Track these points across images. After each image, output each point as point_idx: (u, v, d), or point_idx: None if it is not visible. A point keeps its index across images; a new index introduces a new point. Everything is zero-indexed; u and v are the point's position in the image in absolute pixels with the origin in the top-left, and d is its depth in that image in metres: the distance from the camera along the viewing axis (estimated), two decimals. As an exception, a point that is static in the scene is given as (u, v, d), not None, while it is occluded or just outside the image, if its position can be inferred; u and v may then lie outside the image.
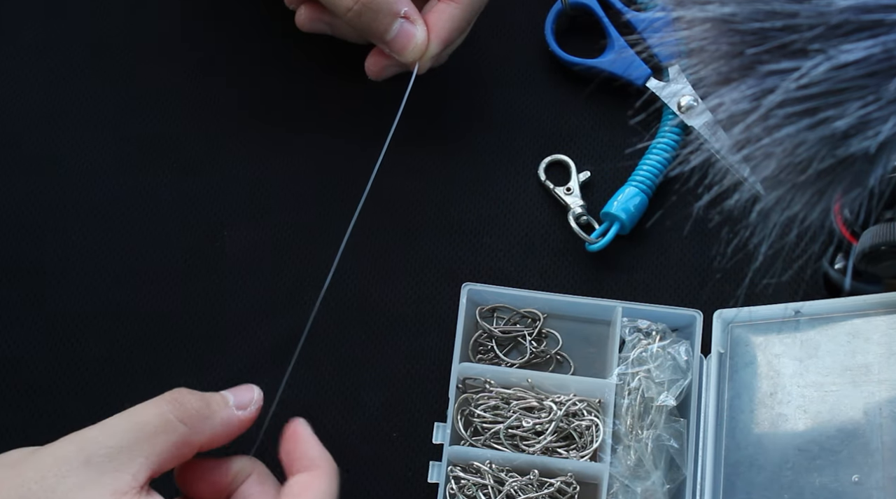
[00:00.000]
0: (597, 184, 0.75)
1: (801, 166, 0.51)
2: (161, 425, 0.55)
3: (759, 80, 0.49)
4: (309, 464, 0.58)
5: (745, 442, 0.66)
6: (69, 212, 0.74)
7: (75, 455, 0.53)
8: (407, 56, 0.69)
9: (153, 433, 0.55)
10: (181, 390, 0.57)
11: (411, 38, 0.68)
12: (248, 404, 0.59)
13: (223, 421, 0.58)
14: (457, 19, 0.69)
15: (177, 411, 0.56)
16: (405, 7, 0.68)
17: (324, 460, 0.59)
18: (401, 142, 0.75)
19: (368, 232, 0.74)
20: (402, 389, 0.71)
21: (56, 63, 0.77)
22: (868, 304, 0.66)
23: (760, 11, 0.49)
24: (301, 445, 0.59)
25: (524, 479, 0.67)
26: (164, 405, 0.56)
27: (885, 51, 0.47)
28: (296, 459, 0.59)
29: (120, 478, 0.53)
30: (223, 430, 0.58)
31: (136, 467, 0.54)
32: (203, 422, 0.57)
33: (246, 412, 0.59)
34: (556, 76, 0.77)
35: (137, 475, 0.54)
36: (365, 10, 0.67)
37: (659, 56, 0.74)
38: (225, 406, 0.58)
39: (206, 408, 0.57)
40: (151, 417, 0.55)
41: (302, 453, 0.59)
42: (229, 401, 0.59)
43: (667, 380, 0.68)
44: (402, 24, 0.68)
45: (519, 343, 0.72)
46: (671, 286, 0.73)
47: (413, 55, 0.69)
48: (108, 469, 0.53)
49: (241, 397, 0.59)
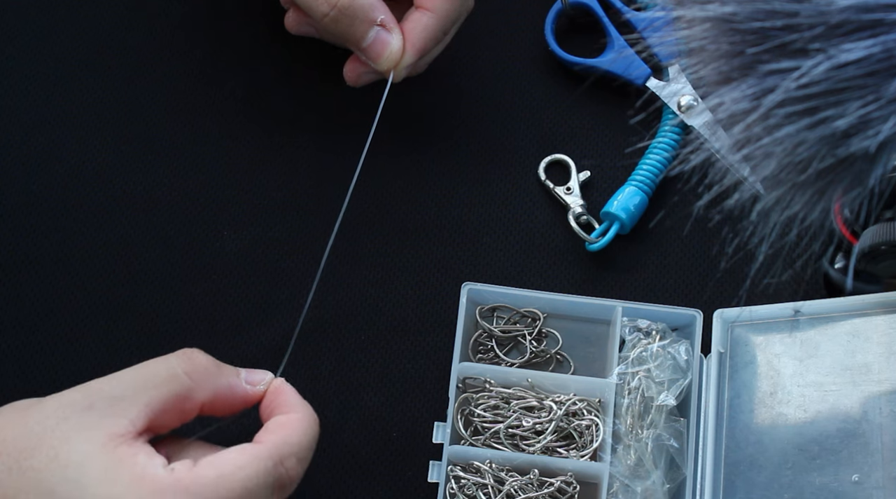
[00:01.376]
0: (597, 183, 0.75)
1: (801, 166, 0.51)
2: (166, 376, 0.57)
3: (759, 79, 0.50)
4: (287, 409, 0.59)
5: (745, 442, 0.66)
6: (69, 212, 0.74)
7: (80, 401, 0.55)
8: (382, 64, 0.69)
9: (157, 383, 0.57)
10: (194, 350, 0.59)
11: (386, 46, 0.68)
12: (257, 383, 0.60)
13: (230, 385, 0.59)
14: (432, 29, 0.69)
15: (184, 364, 0.57)
16: (381, 15, 0.68)
17: (303, 406, 0.60)
18: (401, 142, 0.75)
19: (368, 232, 0.74)
20: (402, 388, 0.71)
21: (56, 63, 0.77)
22: (868, 303, 0.66)
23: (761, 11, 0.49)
24: (281, 395, 0.60)
25: (524, 478, 0.67)
26: (172, 359, 0.58)
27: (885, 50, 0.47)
28: (275, 406, 0.60)
29: (117, 422, 0.55)
30: (228, 394, 0.59)
31: (134, 412, 0.55)
32: (209, 379, 0.58)
33: (254, 389, 0.60)
34: (556, 76, 0.77)
35: (135, 421, 0.55)
36: (341, 17, 0.67)
37: (659, 55, 0.74)
38: (235, 375, 0.60)
39: (214, 367, 0.59)
40: (158, 368, 0.57)
41: (281, 402, 0.60)
42: (240, 374, 0.60)
43: (667, 379, 0.68)
44: (378, 31, 0.68)
45: (519, 343, 0.72)
46: (671, 286, 0.73)
47: (388, 63, 0.68)
48: (107, 414, 0.55)
49: (252, 376, 0.60)
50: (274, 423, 0.59)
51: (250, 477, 0.55)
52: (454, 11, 0.70)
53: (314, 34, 0.73)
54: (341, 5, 0.67)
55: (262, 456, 0.56)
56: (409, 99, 0.76)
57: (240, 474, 0.55)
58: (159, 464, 0.55)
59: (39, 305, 0.72)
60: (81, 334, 0.71)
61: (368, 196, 0.74)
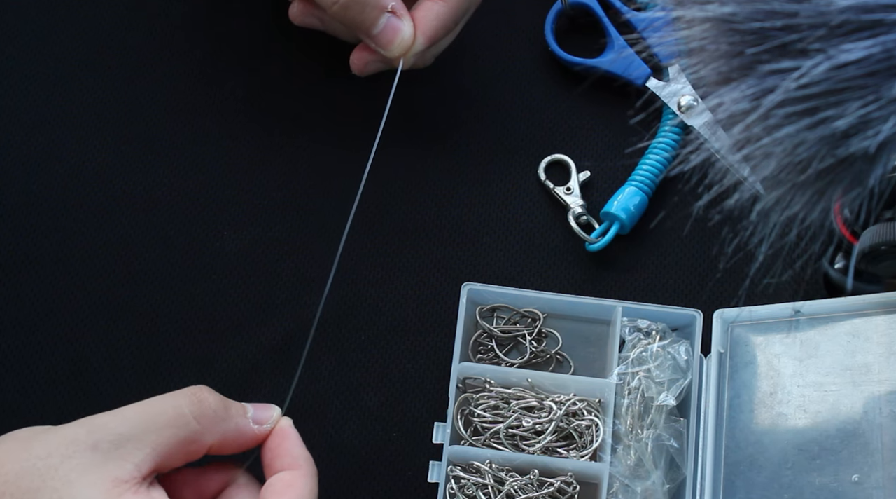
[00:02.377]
0: (597, 183, 0.75)
1: (801, 166, 0.51)
2: (173, 419, 0.55)
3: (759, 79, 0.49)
4: (292, 463, 0.59)
5: (745, 442, 0.66)
6: (69, 212, 0.74)
7: (84, 438, 0.54)
8: (392, 50, 0.68)
9: (164, 425, 0.55)
10: (203, 388, 0.57)
11: (398, 32, 0.67)
12: (265, 421, 0.59)
13: (238, 428, 0.58)
14: (443, 17, 0.69)
15: (192, 406, 0.56)
16: (392, 1, 0.67)
17: (306, 461, 0.59)
18: (401, 142, 0.75)
19: (369, 232, 0.74)
20: (402, 389, 0.71)
21: (56, 63, 0.77)
22: (868, 303, 0.66)
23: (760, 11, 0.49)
24: (286, 442, 0.59)
25: (524, 478, 0.67)
26: (180, 399, 0.56)
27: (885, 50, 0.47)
28: (278, 456, 0.59)
29: (122, 466, 0.54)
30: (235, 437, 0.58)
31: (140, 456, 0.54)
32: (217, 423, 0.57)
33: (261, 428, 0.59)
34: (556, 76, 0.77)
35: (141, 466, 0.54)
36: (352, 4, 0.67)
37: (659, 56, 0.74)
38: (243, 415, 0.58)
39: (223, 410, 0.57)
40: (166, 408, 0.56)
41: (286, 451, 0.59)
42: (248, 412, 0.59)
43: (667, 380, 0.68)
44: (389, 18, 0.67)
45: (519, 343, 0.72)
46: (671, 286, 0.73)
47: (398, 50, 0.68)
48: (112, 456, 0.54)
49: (260, 413, 0.59)
50: (281, 483, 0.58)
51: None
52: (465, 0, 0.69)
53: (318, 26, 0.72)
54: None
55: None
56: (409, 99, 0.76)
57: None
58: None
59: (39, 305, 0.72)
60: (81, 334, 0.71)
61: (368, 196, 0.74)
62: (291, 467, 0.59)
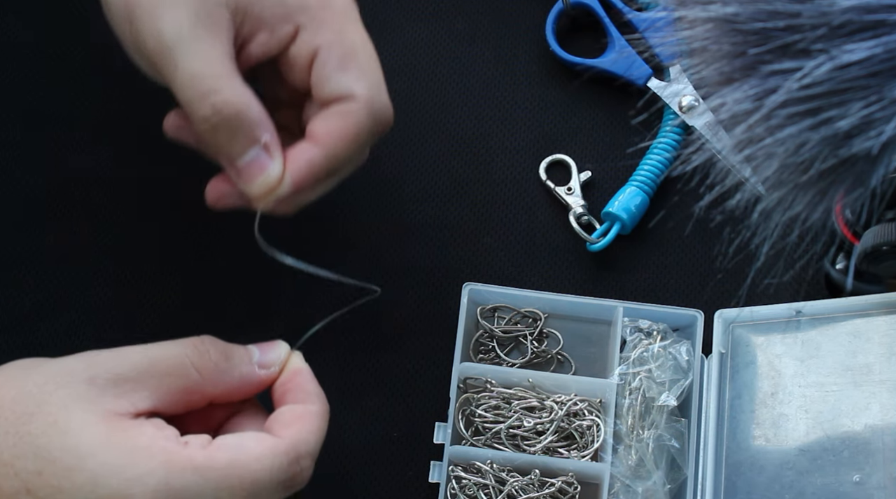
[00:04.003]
0: (598, 184, 0.75)
1: (803, 166, 0.51)
2: (174, 367, 0.55)
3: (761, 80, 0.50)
4: (304, 397, 0.58)
5: (746, 442, 0.66)
6: (69, 212, 0.74)
7: (81, 371, 0.54)
8: (253, 189, 0.59)
9: (164, 373, 0.55)
10: (206, 339, 0.57)
11: (263, 170, 0.59)
12: (271, 364, 0.58)
13: (241, 377, 0.57)
14: (317, 166, 0.60)
15: (195, 357, 0.55)
16: (266, 135, 0.59)
17: (319, 398, 0.58)
18: (401, 142, 0.75)
19: (369, 232, 0.74)
20: (403, 389, 0.71)
21: (56, 63, 0.77)
22: (869, 304, 0.66)
23: (763, 11, 0.49)
24: (297, 378, 0.58)
25: (525, 479, 0.67)
26: (183, 349, 0.56)
27: (887, 51, 0.47)
28: (289, 390, 0.58)
29: (117, 402, 0.54)
30: (240, 386, 0.57)
31: (136, 398, 0.54)
32: (219, 376, 0.56)
33: (267, 372, 0.58)
34: (557, 76, 0.77)
35: (137, 404, 0.54)
36: (222, 126, 0.58)
37: (660, 56, 0.74)
38: (247, 362, 0.57)
39: (225, 362, 0.56)
40: (167, 356, 0.55)
41: (297, 386, 0.58)
42: (253, 357, 0.58)
43: (668, 380, 0.68)
44: (259, 152, 0.59)
45: (520, 343, 0.72)
46: (672, 286, 0.73)
47: (260, 189, 0.59)
48: (108, 392, 0.54)
49: (266, 356, 0.58)
50: (291, 414, 0.57)
51: (264, 470, 0.54)
52: (346, 154, 0.61)
53: (192, 144, 0.62)
54: (226, 113, 0.57)
55: (279, 451, 0.55)
56: (409, 99, 0.76)
57: (254, 465, 0.54)
58: (170, 435, 0.53)
59: (39, 305, 0.72)
60: (81, 334, 0.71)
61: (369, 196, 0.74)
62: (303, 401, 0.58)
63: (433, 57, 0.77)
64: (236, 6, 0.59)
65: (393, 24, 0.78)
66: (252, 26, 0.60)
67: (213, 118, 0.57)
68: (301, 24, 0.60)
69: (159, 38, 0.57)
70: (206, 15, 0.57)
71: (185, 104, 0.58)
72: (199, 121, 0.58)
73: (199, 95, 0.57)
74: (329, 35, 0.60)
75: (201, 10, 0.57)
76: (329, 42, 0.60)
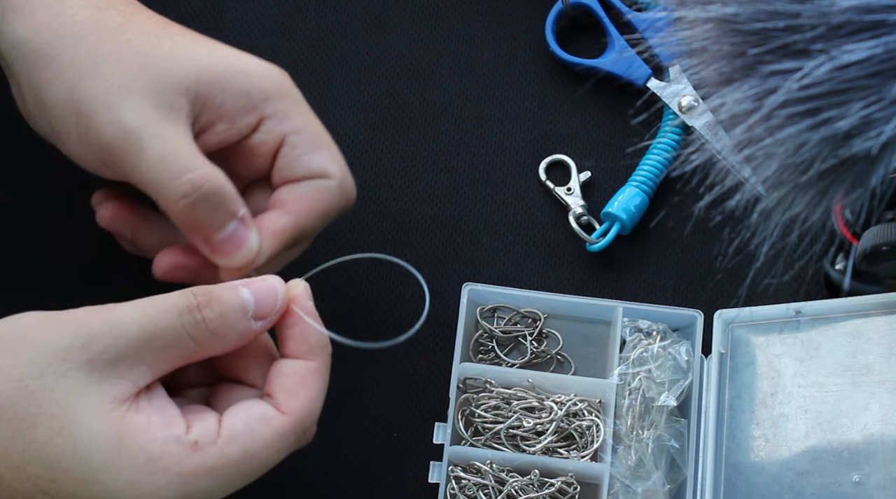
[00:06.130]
0: (597, 184, 0.75)
1: (802, 167, 0.51)
2: (171, 340, 0.55)
3: (761, 80, 0.50)
4: (307, 351, 0.58)
5: (746, 442, 0.66)
6: (69, 212, 0.74)
7: (78, 353, 0.53)
8: (233, 262, 0.60)
9: (161, 346, 0.54)
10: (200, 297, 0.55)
11: (243, 243, 0.60)
12: (267, 314, 0.57)
13: (238, 335, 0.57)
14: (287, 233, 0.61)
15: (190, 327, 0.55)
16: (242, 209, 0.60)
17: (322, 350, 0.58)
18: (401, 142, 0.75)
19: (369, 231, 0.74)
20: (402, 389, 0.71)
21: (56, 63, 0.77)
22: (869, 304, 0.66)
23: (763, 11, 0.49)
24: (301, 323, 0.58)
25: (525, 479, 0.67)
26: (178, 318, 0.55)
27: (887, 51, 0.47)
28: (292, 337, 0.58)
29: (120, 384, 0.53)
30: (237, 343, 0.57)
31: (137, 374, 0.54)
32: (216, 341, 0.56)
33: (265, 322, 0.57)
34: (556, 76, 0.77)
35: (138, 381, 0.54)
36: (201, 201, 0.58)
37: (660, 56, 0.74)
38: (243, 318, 0.56)
39: (221, 326, 0.56)
40: (164, 329, 0.54)
41: (301, 335, 0.58)
42: (248, 310, 0.57)
43: (667, 380, 0.68)
44: (237, 226, 0.60)
45: (519, 343, 0.72)
46: (672, 286, 0.73)
47: (240, 262, 0.60)
48: (109, 374, 0.53)
49: (261, 305, 0.57)
50: (295, 377, 0.57)
51: (274, 453, 0.55)
52: (314, 226, 0.63)
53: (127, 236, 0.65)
54: (206, 189, 0.58)
55: (287, 431, 0.55)
56: (409, 99, 0.76)
57: (265, 451, 0.55)
58: (180, 435, 0.53)
59: (40, 305, 0.72)
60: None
61: (369, 195, 0.74)
62: (306, 355, 0.58)
63: (433, 57, 0.77)
64: (196, 96, 0.60)
65: (393, 24, 0.78)
66: (211, 116, 0.61)
67: (193, 195, 0.58)
68: (266, 114, 0.62)
69: (120, 125, 0.58)
70: (167, 103, 0.59)
71: (155, 185, 0.58)
72: (176, 199, 0.58)
73: (174, 175, 0.58)
74: (296, 122, 0.62)
75: (162, 99, 0.59)
76: (297, 128, 0.62)
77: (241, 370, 0.59)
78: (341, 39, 0.77)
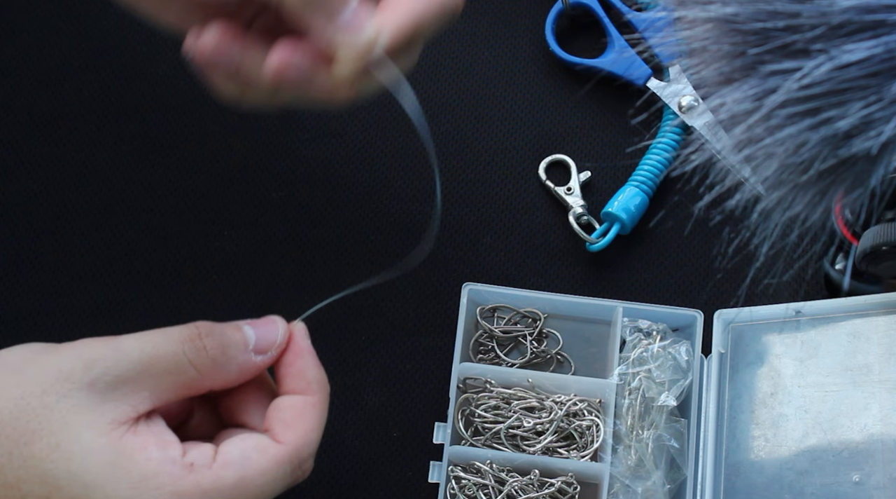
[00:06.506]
0: (597, 184, 0.75)
1: (802, 167, 0.51)
2: (172, 366, 0.55)
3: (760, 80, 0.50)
4: (305, 387, 0.58)
5: (746, 442, 0.66)
6: (69, 212, 0.74)
7: (80, 375, 0.53)
8: (353, 45, 0.56)
9: (161, 372, 0.54)
10: (203, 328, 0.56)
11: (362, 26, 0.56)
12: (268, 348, 0.58)
13: (239, 367, 0.57)
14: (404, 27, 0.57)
15: (191, 354, 0.55)
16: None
17: (320, 387, 0.58)
18: (400, 141, 0.75)
19: (368, 231, 0.74)
20: (403, 389, 0.71)
21: (56, 63, 0.77)
22: (869, 304, 0.66)
23: (762, 11, 0.49)
24: (300, 360, 0.58)
25: (525, 479, 0.67)
26: (180, 345, 0.55)
27: (887, 51, 0.47)
28: (291, 374, 0.58)
29: (119, 407, 0.53)
30: (238, 376, 0.57)
31: (137, 399, 0.54)
32: (216, 370, 0.56)
33: (265, 357, 0.58)
34: (556, 76, 0.77)
35: (138, 407, 0.54)
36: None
37: (660, 56, 0.74)
38: (243, 351, 0.57)
39: (222, 355, 0.56)
40: (165, 354, 0.55)
41: (299, 372, 0.58)
42: (249, 344, 0.57)
43: (667, 380, 0.68)
44: (357, 8, 0.56)
45: (519, 343, 0.72)
46: (672, 286, 0.73)
47: (359, 46, 0.56)
48: (109, 397, 0.53)
49: (262, 339, 0.58)
50: (292, 410, 0.57)
51: (268, 483, 0.55)
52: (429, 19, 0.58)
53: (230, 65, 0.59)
54: None
55: (283, 460, 0.55)
56: (409, 99, 0.76)
57: (260, 479, 0.54)
58: (175, 457, 0.53)
59: (39, 305, 0.72)
60: (81, 335, 0.71)
61: (369, 196, 0.74)
62: (304, 391, 0.58)
63: (433, 57, 0.77)
64: None
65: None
66: None
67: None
68: None
69: None
70: None
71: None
72: None
73: None
74: None
75: None
76: None
77: (245, 414, 0.59)
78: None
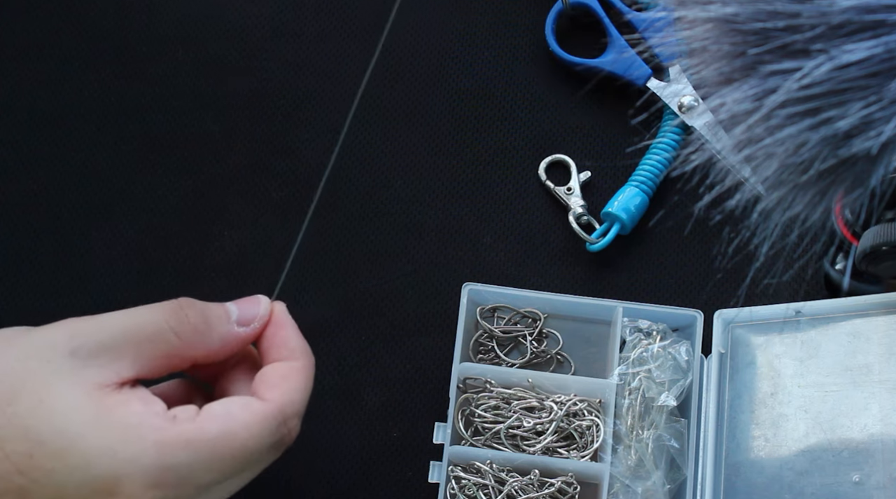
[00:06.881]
0: (597, 184, 0.75)
1: (802, 167, 0.51)
2: (154, 334, 0.55)
3: (761, 80, 0.50)
4: (288, 354, 0.58)
5: (746, 442, 0.66)
6: (69, 212, 0.74)
7: (63, 343, 0.54)
8: None
9: (143, 339, 0.55)
10: (185, 301, 0.57)
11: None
12: (251, 321, 0.58)
13: (221, 338, 0.57)
14: None
15: (173, 322, 0.56)
16: None
17: (303, 353, 0.58)
18: (401, 142, 0.75)
19: (369, 232, 0.74)
20: (403, 389, 0.71)
21: (56, 63, 0.77)
22: (869, 304, 0.66)
23: (762, 11, 0.49)
24: (281, 332, 0.59)
25: (525, 479, 0.67)
26: (162, 314, 0.56)
27: (887, 51, 0.47)
28: (274, 345, 0.58)
29: (102, 373, 0.54)
30: (221, 347, 0.57)
31: (119, 366, 0.54)
32: (198, 338, 0.56)
33: (248, 329, 0.58)
34: (557, 76, 0.77)
35: (121, 372, 0.54)
36: None
37: (660, 56, 0.74)
38: (226, 322, 0.58)
39: (203, 324, 0.56)
40: (147, 323, 0.55)
41: (282, 341, 0.58)
42: (231, 316, 0.58)
43: (667, 380, 0.68)
44: None
45: (519, 343, 0.72)
46: (672, 286, 0.73)
47: None
48: (91, 363, 0.54)
49: (244, 312, 0.58)
50: (275, 374, 0.57)
51: (253, 437, 0.54)
52: None
53: None
54: None
55: (267, 415, 0.55)
56: (408, 99, 0.76)
57: (243, 433, 0.54)
58: (159, 411, 0.54)
59: (39, 304, 0.72)
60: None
61: (369, 196, 0.74)
62: (287, 358, 0.58)
63: (433, 57, 0.77)
64: None
65: (392, 24, 0.78)
66: None
67: None
68: None
69: None
70: None
71: None
72: None
73: None
74: None
75: None
76: None
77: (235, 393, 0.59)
78: (341, 39, 0.77)
